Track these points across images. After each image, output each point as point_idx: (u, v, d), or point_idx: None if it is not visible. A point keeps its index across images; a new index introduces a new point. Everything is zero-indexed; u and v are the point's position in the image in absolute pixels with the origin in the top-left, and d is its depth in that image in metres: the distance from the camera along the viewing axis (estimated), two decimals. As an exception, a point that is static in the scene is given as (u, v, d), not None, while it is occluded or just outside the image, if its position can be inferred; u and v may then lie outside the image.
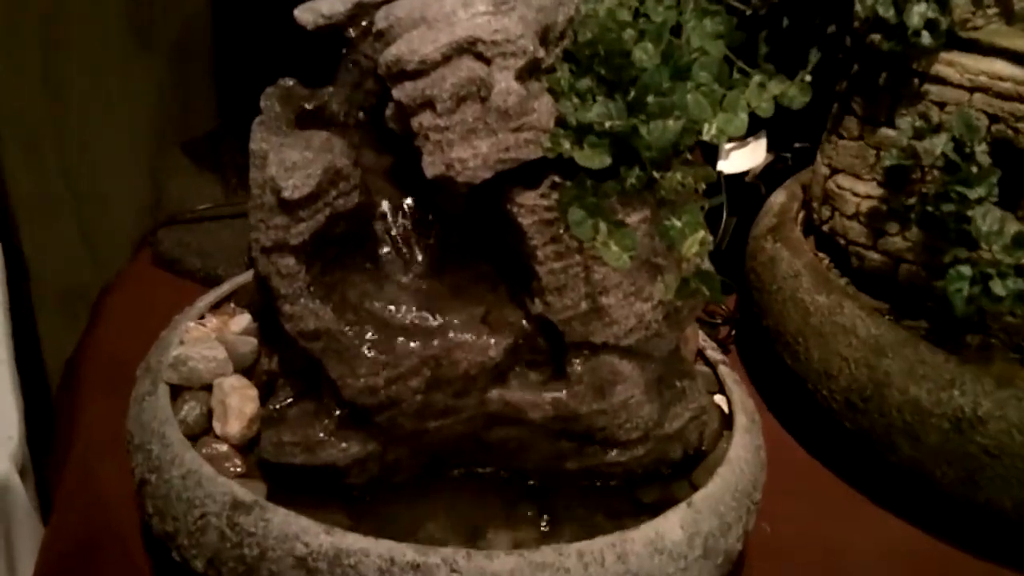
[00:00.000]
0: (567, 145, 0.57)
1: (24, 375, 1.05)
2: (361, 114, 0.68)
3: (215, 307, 0.75)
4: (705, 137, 0.57)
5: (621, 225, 0.56)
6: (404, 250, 0.65)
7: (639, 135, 0.56)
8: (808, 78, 0.58)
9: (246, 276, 0.77)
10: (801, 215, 0.96)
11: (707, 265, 0.61)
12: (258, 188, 0.61)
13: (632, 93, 0.58)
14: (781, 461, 0.75)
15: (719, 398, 0.73)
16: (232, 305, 0.74)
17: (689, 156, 0.60)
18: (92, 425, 0.81)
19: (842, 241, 0.88)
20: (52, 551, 0.76)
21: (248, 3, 1.15)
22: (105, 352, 0.91)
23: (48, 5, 1.14)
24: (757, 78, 0.58)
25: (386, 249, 0.65)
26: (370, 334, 0.60)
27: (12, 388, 0.84)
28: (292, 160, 0.60)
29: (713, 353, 0.76)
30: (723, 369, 0.74)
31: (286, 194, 0.59)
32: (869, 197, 0.85)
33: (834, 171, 0.89)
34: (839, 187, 0.88)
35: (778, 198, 0.97)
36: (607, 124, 0.56)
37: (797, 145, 1.09)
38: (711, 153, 1.07)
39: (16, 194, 1.18)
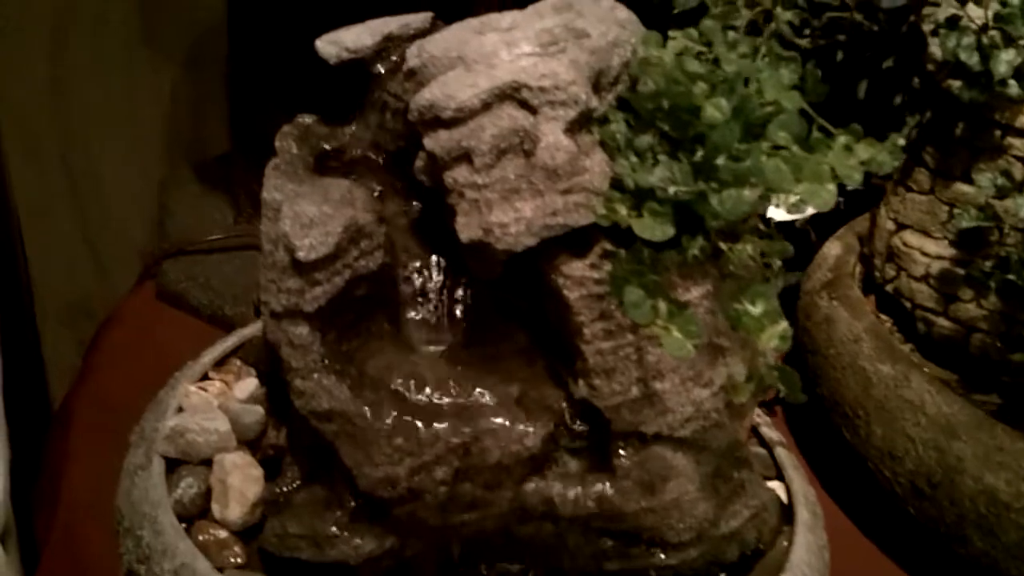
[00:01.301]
0: (624, 211, 0.50)
1: (26, 394, 0.98)
2: (387, 158, 0.61)
3: (219, 363, 0.68)
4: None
5: (683, 307, 0.48)
6: (432, 316, 0.58)
7: (708, 203, 0.48)
8: (901, 141, 0.51)
9: (254, 328, 0.70)
10: (859, 270, 0.88)
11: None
12: (270, 243, 0.55)
13: (699, 153, 0.50)
14: (837, 547, 0.67)
15: (775, 483, 0.65)
16: (238, 362, 0.67)
17: (762, 226, 0.52)
18: (79, 483, 0.75)
19: (908, 304, 0.80)
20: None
21: (265, 22, 1.10)
22: (99, 397, 0.85)
23: (57, 12, 1.10)
24: (842, 140, 0.51)
25: (411, 314, 0.58)
26: (391, 417, 0.53)
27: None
28: (309, 216, 0.53)
29: (769, 431, 0.68)
30: (781, 452, 0.67)
31: (301, 255, 0.52)
32: (940, 258, 0.77)
33: (900, 227, 0.81)
34: (906, 245, 0.80)
35: (832, 250, 0.89)
36: (671, 190, 0.49)
37: (851, 187, 1.01)
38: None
39: (20, 202, 1.14)
